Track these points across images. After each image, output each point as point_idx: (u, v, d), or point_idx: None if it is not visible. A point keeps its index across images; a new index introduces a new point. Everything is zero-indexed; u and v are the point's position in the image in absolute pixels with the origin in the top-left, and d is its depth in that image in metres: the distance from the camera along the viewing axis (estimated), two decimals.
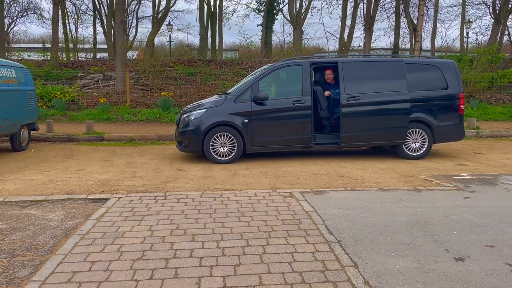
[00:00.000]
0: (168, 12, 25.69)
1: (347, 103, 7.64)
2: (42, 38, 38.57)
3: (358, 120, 7.68)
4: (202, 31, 26.62)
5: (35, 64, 19.55)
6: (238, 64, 20.42)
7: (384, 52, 27.59)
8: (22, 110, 8.90)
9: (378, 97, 7.72)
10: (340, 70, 7.75)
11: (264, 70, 8.00)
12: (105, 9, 27.90)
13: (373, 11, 21.95)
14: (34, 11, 29.73)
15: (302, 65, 7.89)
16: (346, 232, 3.81)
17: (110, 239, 3.60)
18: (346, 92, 7.67)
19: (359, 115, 7.69)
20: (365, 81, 7.76)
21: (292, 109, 7.68)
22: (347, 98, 7.65)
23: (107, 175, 6.40)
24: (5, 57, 20.51)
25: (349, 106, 7.65)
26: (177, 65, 19.48)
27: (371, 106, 7.71)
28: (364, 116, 7.70)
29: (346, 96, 7.65)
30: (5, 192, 5.29)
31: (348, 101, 7.65)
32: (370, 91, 7.72)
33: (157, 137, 10.89)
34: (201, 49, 25.67)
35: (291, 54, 20.63)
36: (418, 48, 16.43)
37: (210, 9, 27.10)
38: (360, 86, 7.72)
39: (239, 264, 3.11)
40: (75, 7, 29.77)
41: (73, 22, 30.65)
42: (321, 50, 33.49)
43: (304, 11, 24.39)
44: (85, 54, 27.39)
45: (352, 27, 23.42)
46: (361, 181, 6.09)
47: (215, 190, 5.43)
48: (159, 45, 32.47)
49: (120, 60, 16.69)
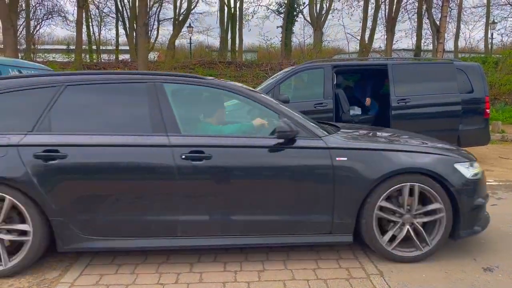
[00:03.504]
0: (189, 14, 25.98)
1: (397, 105, 7.58)
2: (66, 40, 39.44)
3: (408, 123, 7.60)
4: (222, 33, 26.83)
5: (60, 65, 20.03)
6: (258, 66, 20.47)
7: (406, 53, 27.22)
8: None
9: (429, 99, 7.65)
10: (390, 73, 7.68)
11: (286, 73, 7.99)
12: (127, 12, 28.45)
13: (394, 12, 21.69)
14: (58, 13, 30.43)
15: (323, 68, 7.86)
16: None
17: None
18: (396, 95, 7.61)
19: (409, 117, 7.63)
20: (416, 83, 7.70)
21: (313, 112, 7.62)
22: (397, 100, 7.59)
23: None
24: (31, 59, 21.09)
25: (399, 108, 7.60)
26: (197, 67, 19.67)
27: (422, 109, 7.64)
28: (414, 118, 7.64)
29: (396, 99, 7.59)
30: None
31: (399, 104, 7.58)
32: (420, 93, 7.66)
33: None
34: (221, 51, 25.85)
35: (311, 55, 20.56)
36: (441, 49, 16.15)
37: (231, 11, 27.28)
38: (410, 88, 7.67)
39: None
40: (98, 9, 30.34)
41: (96, 24, 31.23)
42: (341, 51, 33.29)
43: (324, 13, 24.30)
44: (108, 56, 27.91)
45: (373, 29, 23.20)
46: None
47: None
48: (179, 47, 32.79)
49: (142, 62, 16.96)
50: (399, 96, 7.62)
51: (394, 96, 7.63)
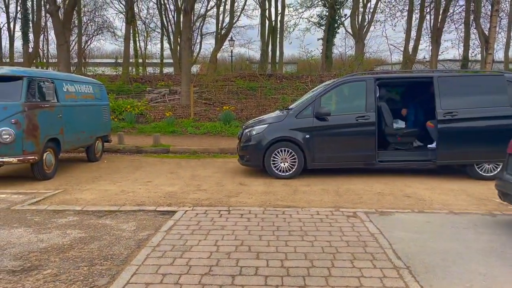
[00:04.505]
0: (231, 28, 26.48)
1: (444, 119, 7.39)
2: (114, 54, 41.27)
3: (455, 136, 7.39)
4: (263, 45, 27.12)
5: (108, 79, 20.97)
6: (298, 78, 20.49)
7: (452, 64, 26.31)
8: (97, 124, 9.56)
9: (478, 113, 7.40)
10: (436, 85, 7.51)
11: (327, 86, 7.98)
12: (172, 27, 29.43)
13: (440, 22, 21.10)
14: (108, 29, 32.05)
15: (366, 81, 7.78)
16: (415, 258, 3.66)
17: (179, 252, 3.75)
18: (443, 108, 7.42)
19: (457, 131, 7.41)
20: (463, 96, 7.48)
21: (355, 125, 7.57)
22: (443, 114, 7.40)
23: (173, 188, 6.68)
24: (82, 73, 22.21)
25: (446, 122, 7.39)
26: (238, 80, 19.97)
27: (471, 122, 7.40)
28: (462, 132, 7.41)
29: (443, 112, 7.40)
30: (83, 202, 5.70)
31: (445, 117, 7.39)
32: (468, 106, 7.43)
33: (219, 150, 11.18)
34: (262, 64, 26.12)
35: (352, 67, 20.35)
36: (490, 60, 15.55)
37: (271, 24, 27.56)
38: (458, 102, 7.45)
39: (304, 286, 3.10)
40: (145, 25, 31.65)
41: (142, 39, 32.53)
42: (384, 62, 32.68)
43: (366, 24, 24.01)
44: (153, 69, 28.90)
45: (417, 39, 22.64)
46: (429, 202, 5.82)
47: (277, 207, 5.46)
48: (220, 59, 33.47)
49: (186, 76, 17.43)
50: (446, 109, 7.40)
51: (440, 109, 7.42)
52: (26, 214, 5.03)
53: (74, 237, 4.17)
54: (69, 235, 4.23)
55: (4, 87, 6.75)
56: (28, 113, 6.74)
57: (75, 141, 8.42)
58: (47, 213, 5.11)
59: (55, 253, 3.73)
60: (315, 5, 27.35)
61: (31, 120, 6.78)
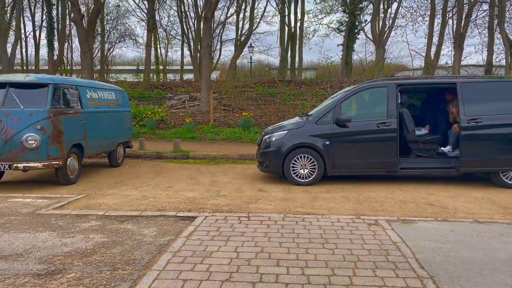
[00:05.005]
0: (251, 35, 26.63)
1: (468, 125, 7.26)
2: (136, 61, 42.08)
3: (479, 143, 7.26)
4: (282, 52, 27.17)
5: (130, 85, 21.34)
6: (318, 84, 20.42)
7: (475, 70, 25.79)
8: (119, 130, 9.73)
9: (503, 119, 7.24)
10: (459, 91, 7.40)
11: (347, 92, 7.92)
12: (192, 34, 29.82)
13: (463, 27, 20.75)
14: (130, 37, 32.71)
15: (387, 87, 7.69)
16: (439, 268, 3.58)
17: (199, 258, 3.76)
18: (466, 114, 7.30)
19: (481, 138, 7.27)
20: (488, 102, 7.33)
21: (376, 131, 7.49)
22: (467, 120, 7.27)
23: (193, 193, 6.72)
24: (104, 79, 22.68)
25: (470, 129, 7.26)
26: (257, 86, 20.03)
27: (496, 129, 7.26)
28: (486, 139, 7.27)
29: (467, 118, 7.28)
30: (105, 207, 5.79)
31: (469, 124, 7.26)
32: (493, 113, 7.28)
33: (238, 156, 11.21)
34: (281, 70, 26.15)
35: (372, 73, 20.18)
36: None
37: (291, 30, 27.60)
38: (482, 108, 7.32)
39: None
40: (166, 32, 32.18)
41: (163, 46, 33.06)
42: (405, 68, 32.29)
43: (387, 30, 23.80)
44: (173, 76, 29.30)
45: (439, 45, 22.32)
46: (453, 211, 5.69)
47: (296, 214, 5.43)
48: (239, 66, 33.69)
49: (205, 82, 17.59)
50: (470, 116, 7.25)
51: (464, 115, 7.28)
52: (50, 219, 5.14)
53: (97, 242, 4.24)
54: (92, 240, 4.30)
55: (31, 94, 6.95)
56: (53, 119, 6.91)
57: (97, 146, 8.59)
58: (70, 217, 5.21)
59: (78, 257, 3.79)
60: (335, 11, 27.28)
61: (56, 126, 6.95)
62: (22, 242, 4.22)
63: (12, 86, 6.93)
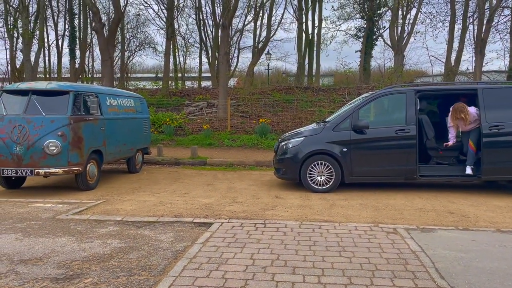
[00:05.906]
0: (268, 42, 26.70)
1: (489, 132, 7.12)
2: (155, 68, 42.72)
3: (501, 151, 7.11)
4: (299, 58, 27.14)
5: (149, 93, 21.62)
6: (335, 90, 20.31)
7: (497, 76, 25.24)
8: (137, 136, 9.85)
9: None
10: (480, 98, 7.27)
11: (365, 98, 7.85)
12: (210, 42, 30.09)
13: (484, 33, 20.35)
14: (149, 45, 33.25)
15: (406, 93, 7.59)
16: (460, 278, 3.48)
17: (215, 265, 3.76)
18: (488, 121, 7.16)
19: (503, 145, 7.12)
20: (510, 109, 7.19)
21: (394, 138, 7.38)
22: (489, 127, 7.13)
23: (210, 200, 6.74)
24: (124, 87, 23.07)
25: (491, 136, 7.12)
26: (274, 93, 20.04)
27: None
28: (509, 146, 7.11)
29: (488, 125, 7.14)
30: (123, 212, 5.85)
31: (491, 130, 7.12)
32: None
33: (255, 162, 11.20)
34: (298, 76, 26.10)
35: (391, 79, 19.95)
36: None
37: (308, 37, 27.58)
38: (504, 114, 7.18)
39: None
40: (184, 40, 32.58)
41: (181, 54, 33.44)
42: (424, 74, 31.85)
43: (406, 36, 23.53)
44: (192, 83, 29.59)
45: (460, 50, 21.93)
46: (475, 219, 5.55)
47: (313, 221, 5.38)
48: (257, 72, 33.84)
49: (223, 89, 17.70)
50: (491, 122, 7.10)
51: (485, 122, 7.12)
52: (69, 224, 5.22)
53: (114, 247, 4.28)
54: (110, 245, 4.35)
55: (52, 101, 7.11)
56: (74, 126, 7.05)
57: (116, 153, 8.71)
58: (89, 222, 5.28)
59: (96, 262, 3.84)
60: (353, 18, 27.16)
61: (76, 133, 7.08)
62: (41, 246, 4.29)
63: (34, 94, 7.12)
